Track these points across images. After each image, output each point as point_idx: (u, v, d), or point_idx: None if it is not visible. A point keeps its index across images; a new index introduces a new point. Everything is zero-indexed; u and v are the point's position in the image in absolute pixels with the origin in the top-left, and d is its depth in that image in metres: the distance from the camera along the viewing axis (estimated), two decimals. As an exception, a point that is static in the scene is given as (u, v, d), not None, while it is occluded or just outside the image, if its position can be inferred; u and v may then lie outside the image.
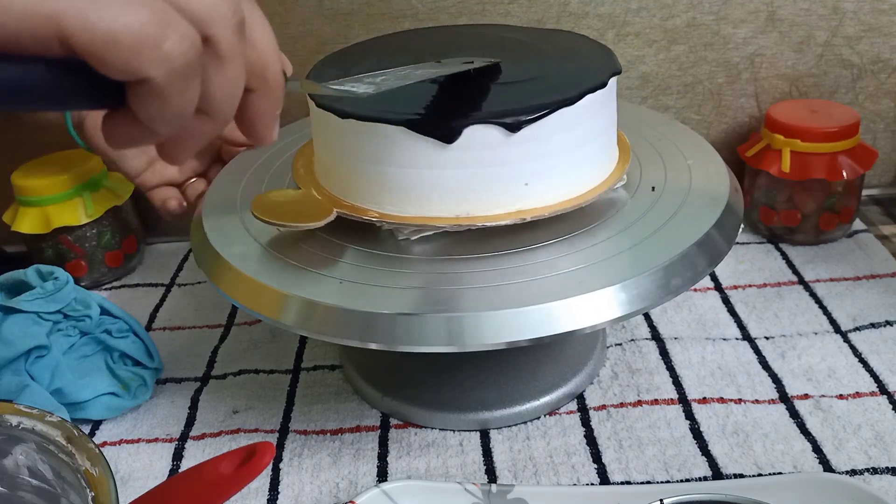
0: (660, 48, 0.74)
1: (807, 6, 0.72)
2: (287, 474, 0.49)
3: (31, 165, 0.69)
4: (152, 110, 0.29)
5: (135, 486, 0.49)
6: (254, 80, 0.33)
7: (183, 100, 0.29)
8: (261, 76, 0.33)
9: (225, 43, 0.30)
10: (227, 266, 0.47)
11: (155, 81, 0.28)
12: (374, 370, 0.55)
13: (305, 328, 0.43)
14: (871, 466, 0.47)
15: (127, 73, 0.28)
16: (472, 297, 0.42)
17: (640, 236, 0.46)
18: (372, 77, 0.44)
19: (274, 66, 0.33)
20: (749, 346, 0.58)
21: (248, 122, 0.34)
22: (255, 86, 0.33)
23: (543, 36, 0.56)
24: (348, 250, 0.47)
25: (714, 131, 0.78)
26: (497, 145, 0.45)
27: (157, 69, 0.28)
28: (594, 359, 0.55)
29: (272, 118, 0.35)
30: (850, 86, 0.76)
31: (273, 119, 0.35)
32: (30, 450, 0.38)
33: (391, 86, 0.43)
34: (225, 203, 0.54)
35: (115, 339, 0.55)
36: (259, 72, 0.33)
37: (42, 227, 0.67)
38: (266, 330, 0.63)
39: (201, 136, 0.32)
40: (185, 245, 0.76)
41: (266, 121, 0.34)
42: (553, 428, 0.51)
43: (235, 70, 0.31)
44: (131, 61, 0.27)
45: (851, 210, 0.69)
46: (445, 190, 0.46)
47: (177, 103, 0.29)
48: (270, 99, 0.34)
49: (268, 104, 0.34)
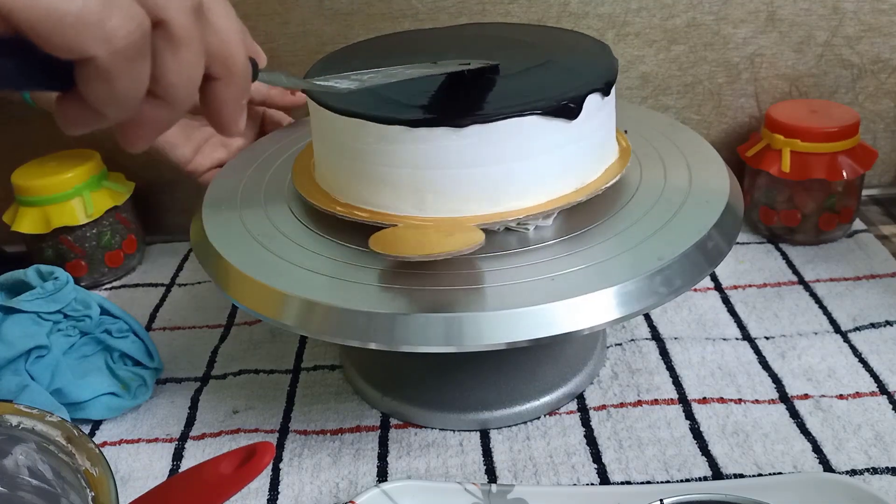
0: (660, 48, 0.74)
1: (807, 6, 0.72)
2: (287, 474, 0.49)
3: (31, 165, 0.69)
4: (98, 91, 0.29)
5: (135, 486, 0.49)
6: (217, 67, 0.33)
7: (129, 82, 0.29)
8: (224, 64, 0.33)
9: (178, 27, 0.30)
10: (227, 266, 0.47)
11: (98, 61, 0.28)
12: (374, 370, 0.55)
13: (305, 328, 0.43)
14: (871, 466, 0.47)
15: (69, 51, 0.27)
16: (472, 298, 0.42)
17: (640, 237, 0.46)
18: (359, 74, 0.44)
19: (238, 54, 0.33)
20: (749, 346, 0.58)
21: (212, 110, 0.34)
22: (218, 74, 0.33)
23: (543, 34, 0.56)
24: (348, 250, 0.47)
25: (714, 131, 0.78)
26: (494, 144, 0.45)
27: (99, 48, 0.27)
28: (594, 359, 0.55)
29: (237, 107, 0.34)
30: (850, 86, 0.76)
31: (238, 108, 0.35)
32: (30, 450, 0.38)
33: (377, 83, 0.43)
34: (225, 202, 0.54)
35: (115, 339, 0.55)
36: (222, 59, 0.33)
37: (42, 227, 0.67)
38: (266, 330, 0.63)
39: (159, 121, 0.32)
40: (185, 245, 0.76)
41: (231, 110, 0.34)
42: (553, 428, 0.51)
43: (191, 55, 0.31)
44: (73, 39, 0.27)
45: (851, 210, 0.69)
46: (442, 191, 0.46)
47: (123, 85, 0.29)
48: (235, 88, 0.34)
49: (232, 93, 0.34)
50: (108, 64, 0.28)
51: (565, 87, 0.47)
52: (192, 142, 0.63)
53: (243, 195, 0.54)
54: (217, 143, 0.64)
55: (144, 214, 0.76)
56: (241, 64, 0.33)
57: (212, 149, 0.64)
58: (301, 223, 0.50)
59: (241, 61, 0.33)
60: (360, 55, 0.54)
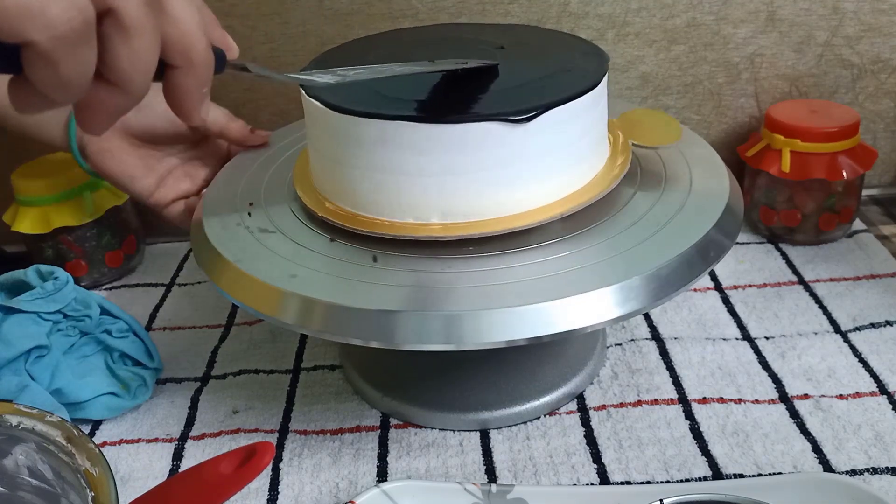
0: (660, 48, 0.74)
1: (807, 6, 0.72)
2: (287, 474, 0.49)
3: (31, 165, 0.69)
4: (41, 75, 0.30)
5: (135, 486, 0.49)
6: (176, 56, 0.33)
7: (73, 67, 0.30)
8: (182, 53, 0.33)
9: (128, 16, 0.30)
10: (227, 264, 0.47)
11: (40, 46, 0.29)
12: (374, 370, 0.55)
13: (305, 326, 0.43)
14: (871, 466, 0.47)
15: (10, 34, 0.28)
16: (472, 296, 0.42)
17: (641, 236, 0.46)
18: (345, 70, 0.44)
19: (197, 44, 0.34)
20: (749, 346, 0.57)
21: (173, 98, 0.35)
22: (178, 62, 0.34)
23: (533, 35, 0.56)
24: (348, 248, 0.47)
25: (714, 131, 0.78)
26: (488, 146, 0.45)
27: (40, 34, 0.28)
28: (594, 359, 0.55)
29: (198, 96, 0.35)
30: (850, 86, 0.76)
31: (199, 97, 0.35)
32: (30, 450, 0.38)
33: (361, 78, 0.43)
34: (225, 202, 0.54)
35: (115, 339, 0.55)
36: (181, 49, 0.33)
37: (42, 227, 0.67)
38: (266, 330, 0.63)
39: (114, 107, 0.33)
40: (185, 245, 0.76)
41: (191, 99, 0.35)
42: (553, 428, 0.51)
43: (143, 43, 0.31)
44: (13, 23, 0.28)
45: (851, 210, 0.69)
46: (437, 195, 0.46)
47: (66, 70, 0.30)
48: (195, 77, 0.34)
49: (192, 82, 0.34)
50: (50, 49, 0.29)
51: (557, 91, 0.46)
52: (154, 173, 0.61)
53: (243, 195, 0.54)
54: (181, 174, 0.62)
55: (144, 214, 0.76)
56: (201, 53, 0.34)
57: (175, 180, 0.62)
58: (301, 222, 0.50)
59: (201, 51, 0.34)
60: (357, 53, 0.54)
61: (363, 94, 0.47)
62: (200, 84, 0.35)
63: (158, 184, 0.61)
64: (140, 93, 0.32)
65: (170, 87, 0.34)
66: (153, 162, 0.61)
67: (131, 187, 0.61)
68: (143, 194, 0.61)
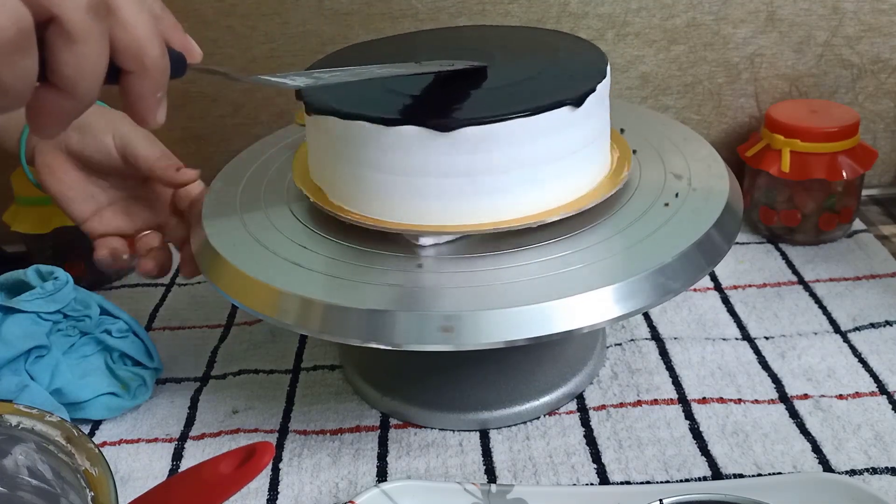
0: (660, 48, 0.74)
1: (807, 6, 0.72)
2: (287, 474, 0.49)
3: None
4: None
5: (134, 486, 0.49)
6: (128, 61, 0.33)
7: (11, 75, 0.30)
8: (136, 58, 0.34)
9: (71, 22, 0.31)
10: (227, 265, 0.47)
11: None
12: (374, 370, 0.55)
13: (305, 326, 0.43)
14: (871, 466, 0.47)
15: None
16: (471, 296, 0.42)
17: (640, 236, 0.46)
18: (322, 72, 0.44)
19: (149, 49, 0.34)
20: (749, 346, 0.57)
21: (128, 102, 0.35)
22: (130, 67, 0.34)
23: (534, 37, 0.56)
24: (347, 248, 0.47)
25: (714, 131, 0.78)
26: (485, 149, 0.45)
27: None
28: (594, 359, 0.55)
29: (153, 101, 0.35)
30: (850, 86, 0.76)
31: (154, 102, 0.35)
32: (29, 450, 0.38)
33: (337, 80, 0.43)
34: (225, 203, 0.54)
35: (114, 339, 0.55)
36: (133, 54, 0.33)
37: (42, 227, 0.67)
38: (266, 330, 0.63)
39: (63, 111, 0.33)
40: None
41: (146, 103, 0.35)
42: (553, 428, 0.51)
43: (88, 49, 0.31)
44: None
45: (851, 210, 0.69)
46: (433, 196, 0.46)
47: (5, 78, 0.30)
48: (149, 82, 0.34)
49: (147, 86, 0.35)
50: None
51: (556, 94, 0.46)
52: (92, 201, 0.57)
53: (242, 195, 0.54)
54: (120, 210, 0.58)
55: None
56: (154, 58, 0.34)
57: (112, 215, 0.58)
58: (300, 222, 0.50)
59: (154, 56, 0.34)
60: (355, 56, 0.54)
61: (362, 96, 0.47)
62: (155, 88, 0.35)
63: (93, 213, 0.58)
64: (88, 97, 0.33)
65: (124, 91, 0.35)
66: (94, 190, 0.58)
67: (66, 209, 0.58)
68: (77, 219, 0.58)
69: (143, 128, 0.37)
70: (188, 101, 0.57)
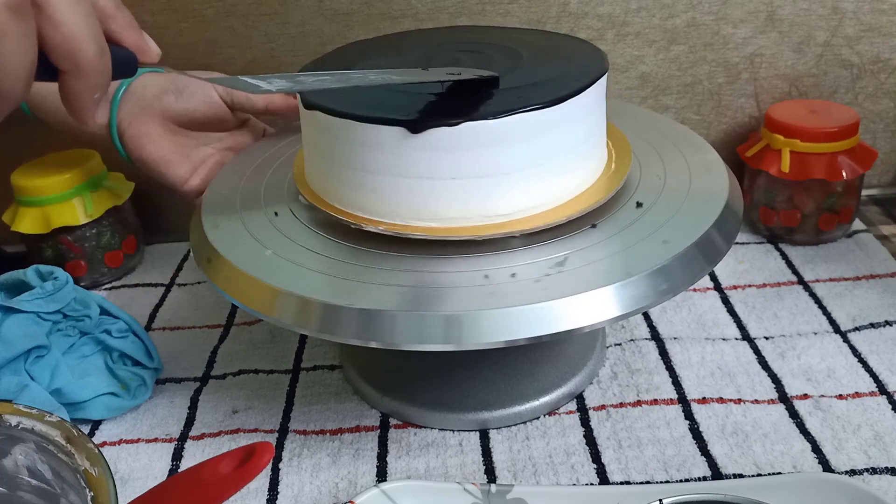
0: (659, 48, 0.74)
1: (807, 6, 0.72)
2: (286, 474, 0.49)
3: (31, 165, 0.69)
4: None
5: (134, 486, 0.49)
6: (60, 60, 0.34)
7: None
8: (69, 58, 0.34)
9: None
10: (227, 264, 0.47)
11: None
12: (373, 370, 0.55)
13: (304, 326, 0.43)
14: (871, 466, 0.47)
15: None
16: (471, 296, 0.42)
17: (640, 235, 0.46)
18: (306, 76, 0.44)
19: (86, 49, 0.34)
20: (749, 346, 0.57)
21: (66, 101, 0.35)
22: (63, 66, 0.34)
23: (532, 37, 0.56)
24: (347, 248, 0.47)
25: (714, 131, 0.78)
26: (487, 148, 0.45)
27: None
28: (594, 359, 0.55)
29: (88, 101, 0.35)
30: (850, 86, 0.76)
31: (89, 102, 0.35)
32: (29, 450, 0.38)
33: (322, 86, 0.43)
34: (225, 202, 0.54)
35: (114, 339, 0.55)
36: (66, 53, 0.33)
37: (42, 227, 0.67)
38: (266, 330, 0.63)
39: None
40: (185, 245, 0.76)
41: (82, 102, 0.35)
42: (552, 428, 0.51)
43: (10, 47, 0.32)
44: None
45: (851, 210, 0.69)
46: (436, 197, 0.46)
47: None
48: (84, 81, 0.34)
49: (82, 86, 0.35)
50: None
51: (551, 93, 0.46)
52: (188, 161, 0.62)
53: (242, 194, 0.54)
54: (215, 164, 0.62)
55: (144, 214, 0.76)
56: (89, 58, 0.34)
57: (209, 171, 0.62)
58: (300, 221, 0.50)
59: (89, 56, 0.34)
60: (352, 56, 0.54)
61: (362, 97, 0.47)
62: (91, 89, 0.35)
63: (192, 172, 0.61)
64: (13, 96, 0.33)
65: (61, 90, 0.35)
66: (189, 150, 0.61)
67: (167, 173, 0.61)
68: (177, 182, 0.61)
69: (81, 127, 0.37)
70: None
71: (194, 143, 0.62)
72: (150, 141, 0.60)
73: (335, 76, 0.45)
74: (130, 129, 0.60)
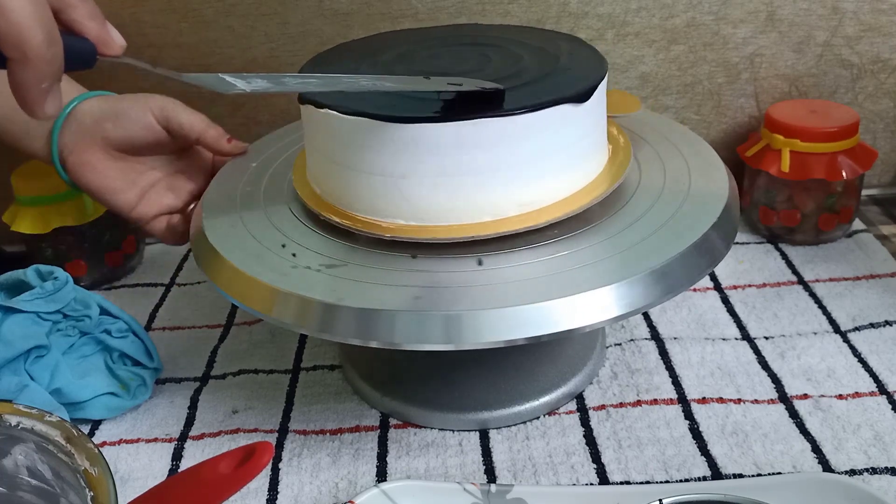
0: (659, 48, 0.74)
1: (806, 6, 0.72)
2: (286, 474, 0.49)
3: (31, 165, 0.69)
4: None
5: (134, 486, 0.49)
6: (6, 48, 0.33)
7: None
8: (15, 46, 0.33)
9: None
10: (226, 264, 0.47)
11: None
12: (373, 370, 0.55)
13: (304, 326, 0.43)
14: (871, 466, 0.47)
15: None
16: (471, 296, 0.42)
17: (639, 236, 0.46)
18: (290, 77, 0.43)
19: (32, 37, 0.33)
20: (748, 346, 0.57)
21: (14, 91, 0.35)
22: (9, 54, 0.33)
23: (532, 37, 0.56)
24: (347, 248, 0.47)
25: (714, 131, 0.78)
26: (487, 147, 0.45)
27: None
28: (594, 359, 0.55)
29: (36, 91, 0.35)
30: (850, 86, 0.76)
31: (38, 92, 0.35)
32: (29, 450, 0.38)
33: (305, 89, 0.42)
34: (225, 202, 0.54)
35: (114, 339, 0.55)
36: (12, 41, 0.33)
37: (42, 227, 0.67)
38: (266, 330, 0.63)
39: None
40: (185, 245, 0.76)
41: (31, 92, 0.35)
42: (552, 428, 0.51)
43: None
44: None
45: (851, 210, 0.69)
46: (436, 196, 0.46)
47: None
48: (32, 71, 0.34)
49: (29, 74, 0.34)
50: None
51: (550, 94, 0.46)
52: (135, 187, 0.59)
53: (242, 194, 0.54)
54: (164, 188, 0.60)
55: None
56: (36, 47, 0.33)
57: (158, 195, 0.59)
58: (300, 222, 0.50)
59: (36, 44, 0.33)
60: (349, 56, 0.54)
61: (362, 95, 0.47)
62: (39, 78, 0.34)
63: (140, 198, 0.59)
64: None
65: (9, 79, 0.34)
66: (135, 175, 0.59)
67: (112, 201, 0.58)
68: (125, 209, 0.59)
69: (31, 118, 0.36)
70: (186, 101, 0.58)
71: (140, 167, 0.59)
72: (91, 169, 0.58)
73: (323, 79, 0.45)
74: (71, 157, 0.58)
